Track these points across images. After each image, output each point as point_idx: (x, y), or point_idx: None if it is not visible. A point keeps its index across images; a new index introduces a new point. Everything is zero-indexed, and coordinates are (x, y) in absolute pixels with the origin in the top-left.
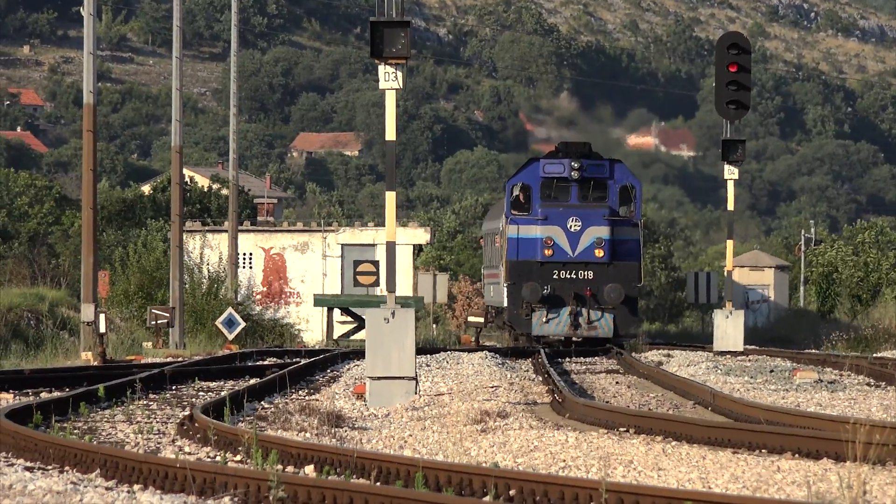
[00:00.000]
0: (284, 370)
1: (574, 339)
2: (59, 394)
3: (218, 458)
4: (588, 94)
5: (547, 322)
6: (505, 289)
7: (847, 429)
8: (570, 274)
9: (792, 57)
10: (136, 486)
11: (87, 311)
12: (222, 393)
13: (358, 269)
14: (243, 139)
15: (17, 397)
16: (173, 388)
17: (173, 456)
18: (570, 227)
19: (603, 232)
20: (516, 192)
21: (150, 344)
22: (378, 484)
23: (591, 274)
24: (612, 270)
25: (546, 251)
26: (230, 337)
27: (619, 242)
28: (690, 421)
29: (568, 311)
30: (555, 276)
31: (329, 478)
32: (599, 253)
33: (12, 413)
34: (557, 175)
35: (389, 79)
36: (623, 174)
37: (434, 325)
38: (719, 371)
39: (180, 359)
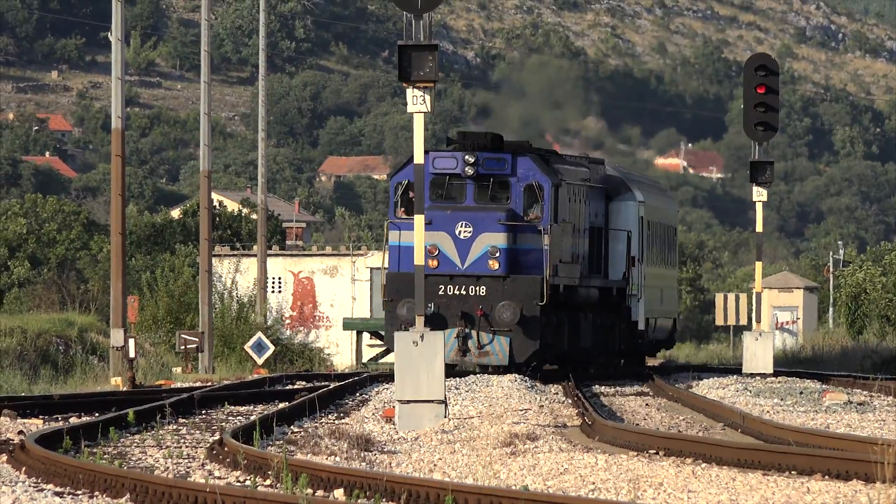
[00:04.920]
0: (313, 394)
1: (463, 367)
2: (88, 419)
3: (248, 483)
4: (616, 117)
5: None
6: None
7: (876, 450)
8: (458, 290)
9: (820, 78)
10: None
11: (116, 336)
12: (252, 417)
13: None
14: (272, 163)
15: (47, 423)
16: (203, 412)
17: (203, 480)
18: (460, 233)
19: (498, 240)
20: (401, 191)
21: (179, 369)
22: None
23: (483, 290)
24: (508, 286)
25: (431, 262)
26: (259, 361)
27: (518, 252)
28: (720, 443)
29: (455, 333)
30: (441, 293)
31: (359, 501)
32: (494, 265)
33: (42, 438)
34: (449, 171)
35: (417, 102)
36: (529, 170)
37: None
38: (749, 393)
39: (210, 383)
